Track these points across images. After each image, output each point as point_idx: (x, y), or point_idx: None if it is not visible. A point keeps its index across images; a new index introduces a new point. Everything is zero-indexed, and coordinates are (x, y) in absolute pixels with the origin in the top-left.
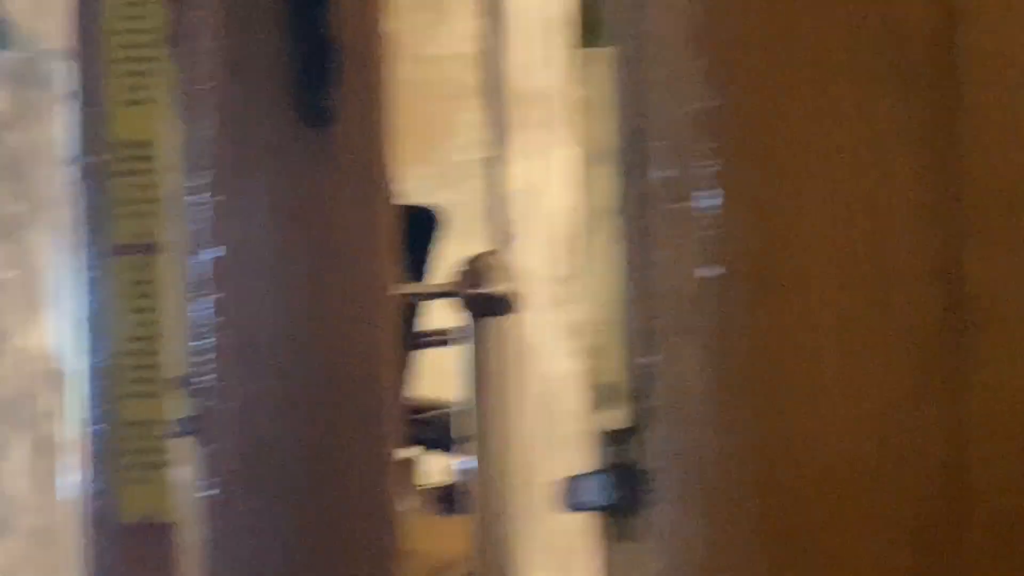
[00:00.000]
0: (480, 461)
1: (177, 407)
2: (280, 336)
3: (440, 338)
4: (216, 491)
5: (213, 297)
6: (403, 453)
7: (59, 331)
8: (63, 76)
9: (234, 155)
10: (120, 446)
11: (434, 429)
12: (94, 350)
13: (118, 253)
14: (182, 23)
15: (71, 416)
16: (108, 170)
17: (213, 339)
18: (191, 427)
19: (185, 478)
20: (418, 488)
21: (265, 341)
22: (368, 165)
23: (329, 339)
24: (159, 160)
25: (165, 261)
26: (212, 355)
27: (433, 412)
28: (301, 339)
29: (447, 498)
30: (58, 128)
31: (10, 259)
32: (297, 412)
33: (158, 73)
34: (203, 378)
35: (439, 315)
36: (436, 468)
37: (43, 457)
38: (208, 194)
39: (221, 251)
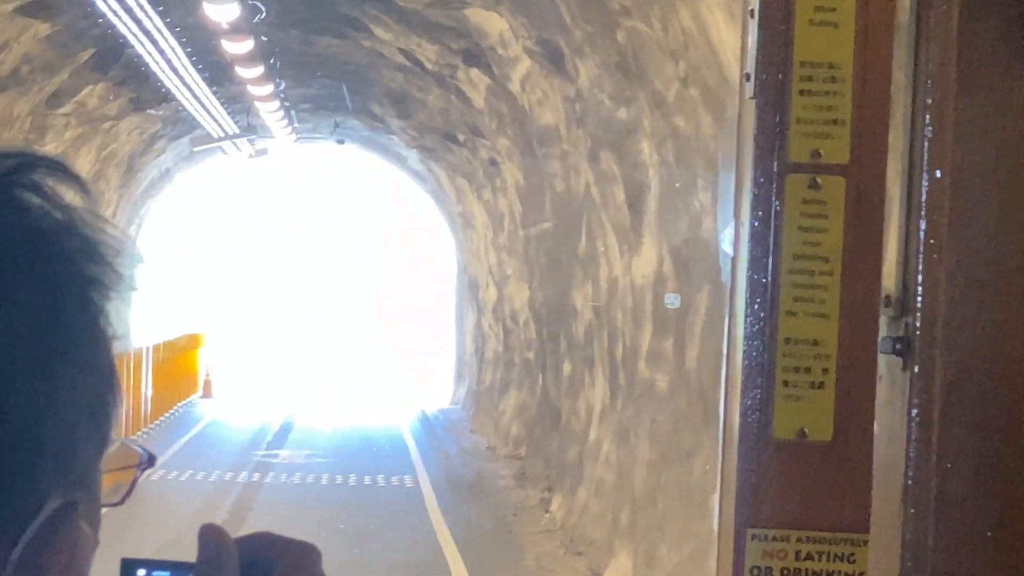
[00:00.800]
0: None
1: (883, 326)
2: (988, 260)
3: None
4: (915, 412)
5: (927, 219)
6: None
7: (722, 247)
8: None
9: (962, 79)
10: (778, 362)
11: None
12: (756, 266)
13: (790, 171)
14: None
15: (731, 332)
16: (787, 89)
17: (923, 261)
18: (896, 347)
19: (862, 398)
20: None
21: (978, 266)
22: None
23: None
24: (841, 82)
25: (839, 181)
26: (921, 276)
27: None
28: (1008, 267)
29: None
30: (674, 25)
31: (609, 173)
32: (1001, 342)
33: None
34: (912, 299)
35: None
36: None
37: (621, 402)
38: (929, 116)
39: (938, 173)
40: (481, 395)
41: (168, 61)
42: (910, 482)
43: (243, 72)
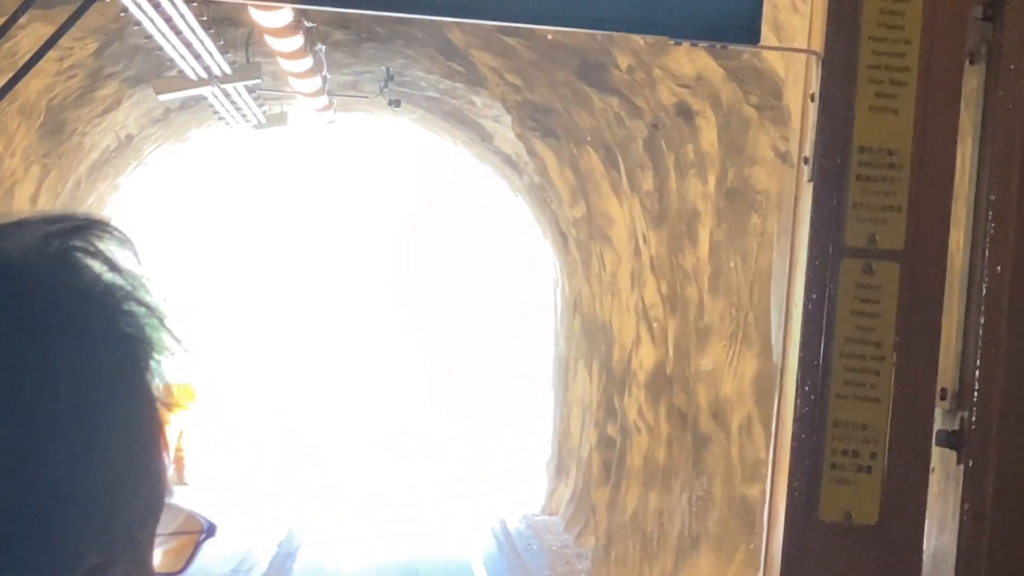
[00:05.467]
0: None
1: (938, 418)
2: None
3: None
4: (967, 506)
5: (986, 315)
6: None
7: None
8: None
9: None
10: (827, 444)
11: None
12: (808, 348)
13: (846, 255)
14: (998, 40)
15: (780, 412)
16: (846, 173)
17: (982, 356)
18: (951, 441)
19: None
20: None
21: None
22: None
23: None
24: (899, 168)
25: (893, 267)
26: (979, 372)
27: None
28: None
29: None
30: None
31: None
32: None
33: (905, 83)
34: (969, 394)
35: None
36: None
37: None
38: (992, 212)
39: (999, 269)
40: (615, 526)
41: None
42: (961, 569)
43: None
